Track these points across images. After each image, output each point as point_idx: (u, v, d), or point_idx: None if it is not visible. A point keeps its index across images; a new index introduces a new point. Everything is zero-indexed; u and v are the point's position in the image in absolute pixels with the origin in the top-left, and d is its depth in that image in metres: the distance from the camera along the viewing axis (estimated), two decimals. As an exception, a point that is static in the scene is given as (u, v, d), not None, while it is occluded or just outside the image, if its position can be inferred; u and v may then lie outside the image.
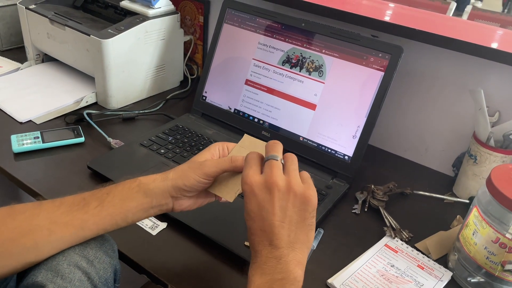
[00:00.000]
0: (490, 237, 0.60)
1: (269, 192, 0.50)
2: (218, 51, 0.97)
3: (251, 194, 0.51)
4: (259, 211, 0.50)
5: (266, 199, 0.50)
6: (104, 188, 0.57)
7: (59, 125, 0.94)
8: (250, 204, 0.51)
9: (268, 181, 0.50)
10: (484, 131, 0.79)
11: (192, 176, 0.57)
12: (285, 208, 0.50)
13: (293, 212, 0.50)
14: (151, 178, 0.58)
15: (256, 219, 0.50)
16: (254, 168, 0.53)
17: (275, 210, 0.50)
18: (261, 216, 0.50)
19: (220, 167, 0.57)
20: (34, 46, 1.16)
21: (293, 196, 0.50)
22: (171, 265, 0.64)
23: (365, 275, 0.65)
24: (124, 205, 0.56)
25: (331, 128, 0.85)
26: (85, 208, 0.55)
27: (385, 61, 0.80)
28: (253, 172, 0.52)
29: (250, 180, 0.51)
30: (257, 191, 0.50)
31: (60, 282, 0.52)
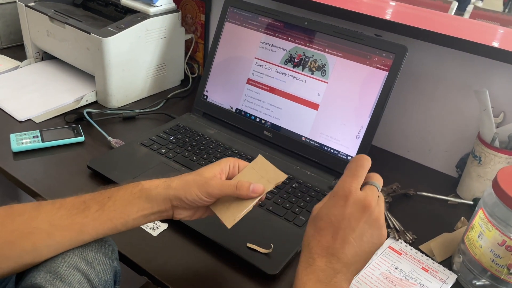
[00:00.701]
0: (496, 240, 0.59)
1: (362, 210, 0.50)
2: (220, 50, 0.96)
3: (344, 201, 0.50)
4: (341, 220, 0.50)
5: (355, 215, 0.50)
6: (106, 192, 0.56)
7: (58, 124, 0.93)
8: (336, 208, 0.50)
9: (366, 200, 0.50)
10: (489, 131, 0.78)
11: (195, 191, 0.56)
12: (364, 233, 0.50)
13: (367, 241, 0.50)
14: (153, 184, 0.56)
15: (334, 224, 0.50)
16: (358, 180, 0.52)
17: (357, 228, 0.50)
18: (340, 225, 0.50)
19: (224, 191, 0.56)
20: (34, 44, 1.15)
21: (376, 229, 0.51)
22: (172, 267, 0.63)
23: (369, 278, 0.64)
24: (125, 210, 0.55)
25: (334, 128, 0.84)
26: (85, 212, 0.54)
27: (389, 61, 0.79)
28: (357, 183, 0.52)
29: (351, 188, 0.51)
30: (351, 202, 0.50)
31: (60, 284, 0.51)
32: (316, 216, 0.51)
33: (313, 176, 0.83)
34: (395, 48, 0.78)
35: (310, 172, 0.84)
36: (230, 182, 0.57)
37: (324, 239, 0.50)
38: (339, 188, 0.51)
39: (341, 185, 0.51)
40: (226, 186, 0.56)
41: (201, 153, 0.86)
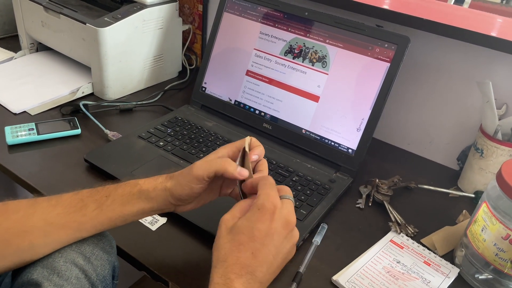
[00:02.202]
0: (500, 234, 0.58)
1: (285, 226, 0.49)
2: (218, 41, 0.95)
3: (270, 215, 0.48)
4: (265, 236, 0.48)
5: (279, 231, 0.49)
6: (103, 190, 0.54)
7: (54, 116, 0.92)
8: (262, 223, 0.48)
9: (289, 216, 0.50)
10: (491, 124, 0.77)
11: (185, 183, 0.54)
12: (283, 249, 0.50)
13: (282, 257, 0.50)
14: (152, 185, 0.55)
15: (257, 240, 0.48)
16: (278, 194, 0.51)
17: (279, 245, 0.49)
18: (264, 241, 0.48)
19: (209, 169, 0.54)
20: (28, 34, 1.12)
21: (293, 245, 0.51)
22: (171, 261, 0.62)
23: (371, 272, 0.64)
24: (124, 210, 0.54)
25: (334, 121, 0.83)
26: (83, 211, 0.52)
27: (391, 52, 0.77)
28: (277, 197, 0.50)
29: (277, 202, 0.49)
30: (277, 217, 0.49)
31: (57, 279, 0.50)
32: (235, 229, 0.48)
33: (313, 169, 0.82)
34: (397, 38, 0.77)
35: (310, 165, 0.83)
36: (215, 158, 0.55)
37: (243, 256, 0.47)
38: (265, 201, 0.49)
39: (266, 198, 0.49)
40: (211, 162, 0.54)
41: (200, 145, 0.85)
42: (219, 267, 0.47)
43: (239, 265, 0.47)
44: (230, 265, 0.47)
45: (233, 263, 0.47)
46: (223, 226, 0.50)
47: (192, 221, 0.67)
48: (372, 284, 0.62)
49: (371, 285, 0.61)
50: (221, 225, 0.50)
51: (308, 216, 0.71)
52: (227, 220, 0.50)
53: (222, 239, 0.49)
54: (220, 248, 0.48)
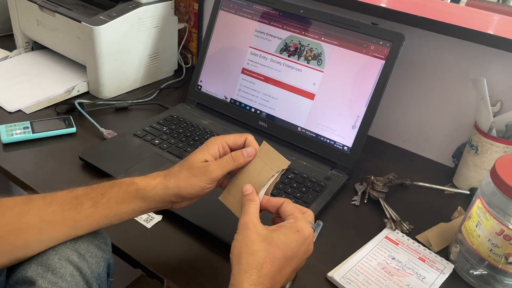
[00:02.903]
0: (494, 229, 0.59)
1: (307, 253, 0.53)
2: (214, 39, 0.95)
3: (303, 240, 0.51)
4: (293, 257, 0.50)
5: (301, 256, 0.52)
6: (98, 188, 0.54)
7: (49, 115, 0.91)
8: (296, 244, 0.50)
9: (311, 245, 0.53)
10: (486, 121, 0.78)
11: (197, 183, 0.55)
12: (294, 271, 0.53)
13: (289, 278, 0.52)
14: (150, 185, 0.54)
15: (287, 259, 0.50)
16: None
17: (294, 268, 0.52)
18: (290, 261, 0.50)
19: (225, 169, 0.56)
20: (23, 33, 1.12)
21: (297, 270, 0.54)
22: (167, 259, 0.62)
23: (366, 268, 0.64)
24: (120, 208, 0.54)
25: (330, 118, 0.83)
26: (78, 208, 0.52)
27: (386, 49, 0.78)
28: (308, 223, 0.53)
29: (310, 230, 0.52)
30: (307, 244, 0.52)
31: (51, 277, 0.50)
32: (270, 239, 0.50)
33: (309, 167, 0.82)
34: (392, 36, 0.77)
35: (306, 162, 0.83)
36: (226, 159, 0.56)
37: (274, 270, 0.48)
38: (304, 227, 0.51)
39: (305, 223, 0.52)
40: (224, 164, 0.56)
41: (195, 144, 0.85)
42: (252, 273, 0.47)
43: (269, 278, 0.48)
44: (263, 276, 0.47)
45: (266, 274, 0.48)
46: (253, 229, 0.50)
47: (187, 219, 0.67)
48: (367, 280, 0.62)
49: (366, 281, 0.62)
50: (250, 227, 0.50)
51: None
52: (255, 223, 0.51)
53: (256, 244, 0.49)
54: (255, 254, 0.48)
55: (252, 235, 0.50)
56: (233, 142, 0.58)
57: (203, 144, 0.58)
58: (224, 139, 0.58)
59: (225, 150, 0.58)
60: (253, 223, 0.51)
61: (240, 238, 0.50)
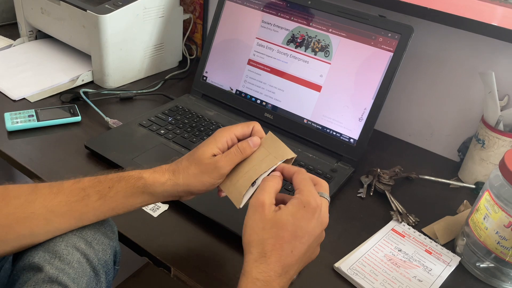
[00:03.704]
0: (503, 222, 0.59)
1: (321, 226, 0.50)
2: (220, 29, 0.94)
3: (312, 214, 0.48)
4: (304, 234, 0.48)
5: (315, 231, 0.49)
6: (105, 181, 0.53)
7: (54, 104, 0.91)
8: (304, 221, 0.48)
9: (326, 217, 0.51)
10: (493, 115, 0.77)
11: (207, 180, 0.54)
12: (313, 249, 0.51)
13: (308, 256, 0.51)
14: (158, 181, 0.54)
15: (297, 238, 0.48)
16: (315, 190, 0.51)
17: (311, 245, 0.49)
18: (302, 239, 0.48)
19: (234, 163, 0.55)
20: (27, 22, 1.11)
21: (318, 246, 0.52)
22: (173, 247, 0.62)
23: (373, 259, 0.64)
24: (128, 202, 0.54)
25: (336, 111, 0.83)
26: (85, 201, 0.52)
27: (394, 41, 0.77)
28: (318, 195, 0.50)
29: (318, 201, 0.49)
30: (317, 217, 0.49)
31: (58, 263, 0.50)
32: (279, 223, 0.47)
33: (315, 159, 0.82)
34: (400, 28, 0.77)
35: (312, 155, 0.83)
36: (233, 151, 0.55)
37: (284, 254, 0.47)
38: (310, 199, 0.49)
39: (311, 195, 0.49)
40: (233, 157, 0.55)
41: (201, 134, 0.85)
42: (261, 262, 0.46)
43: (280, 263, 0.47)
44: (273, 263, 0.46)
45: (275, 261, 0.46)
46: (266, 213, 0.48)
47: (194, 208, 0.67)
48: (373, 271, 0.62)
49: (373, 272, 0.61)
50: (263, 210, 0.48)
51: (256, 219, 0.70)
52: (270, 206, 0.49)
53: (266, 232, 0.47)
54: (264, 242, 0.47)
55: (263, 221, 0.48)
56: (241, 133, 0.57)
57: (211, 137, 0.56)
58: (232, 131, 0.57)
59: (233, 142, 0.57)
60: (262, 205, 0.49)
61: (249, 223, 0.49)
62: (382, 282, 0.60)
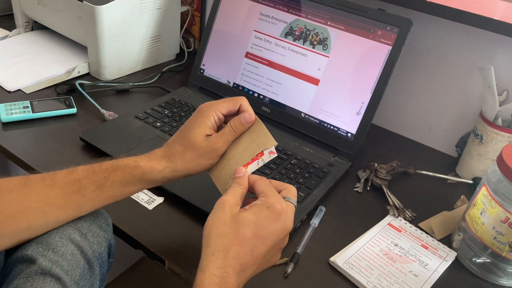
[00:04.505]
0: (499, 217, 0.58)
1: (283, 231, 0.49)
2: (217, 21, 0.93)
3: (276, 217, 0.48)
4: (266, 236, 0.47)
5: (277, 234, 0.48)
6: (100, 171, 0.52)
7: (49, 95, 0.90)
8: (268, 222, 0.48)
9: (289, 222, 0.49)
10: (492, 110, 0.77)
11: (206, 162, 0.55)
12: (273, 254, 0.50)
13: (267, 261, 0.50)
14: (156, 169, 0.54)
15: (258, 238, 0.47)
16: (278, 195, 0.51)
17: (271, 248, 0.48)
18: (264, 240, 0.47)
19: (228, 142, 0.56)
20: (23, 13, 1.10)
21: (279, 252, 0.51)
22: (168, 240, 0.61)
23: (368, 254, 0.63)
24: (125, 189, 0.54)
25: (334, 104, 0.82)
26: (82, 192, 0.51)
27: (393, 35, 0.77)
28: (284, 200, 0.50)
29: (283, 205, 0.49)
30: (281, 221, 0.48)
31: (51, 255, 0.49)
32: (240, 219, 0.47)
33: (312, 153, 0.82)
34: (399, 21, 0.76)
35: (309, 149, 0.83)
36: (226, 131, 0.55)
37: (243, 251, 0.46)
38: (275, 202, 0.48)
39: (277, 199, 0.49)
40: (227, 137, 0.55)
41: (198, 127, 0.84)
42: (218, 256, 0.45)
43: (238, 260, 0.46)
44: (230, 258, 0.45)
45: (233, 257, 0.45)
46: (227, 210, 0.48)
47: (188, 201, 0.66)
48: (369, 265, 0.61)
49: (369, 266, 0.61)
50: (225, 207, 0.48)
51: (306, 199, 0.70)
52: (232, 204, 0.49)
53: (226, 226, 0.47)
54: (223, 235, 0.46)
55: (224, 216, 0.48)
56: (227, 110, 0.56)
57: (198, 115, 0.56)
58: (218, 109, 0.56)
59: (220, 119, 0.56)
60: (229, 204, 0.49)
61: (212, 218, 0.48)
62: (378, 276, 0.60)
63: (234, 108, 0.56)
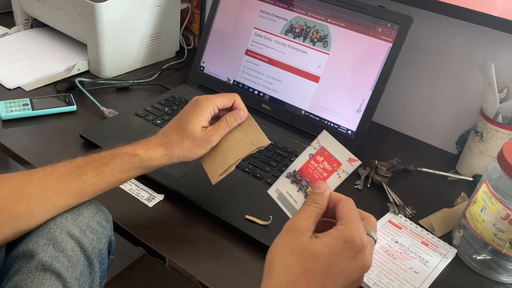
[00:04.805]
0: (500, 214, 0.58)
1: (361, 270, 0.41)
2: (218, 19, 0.93)
3: (354, 254, 0.40)
4: (339, 274, 0.40)
5: (353, 274, 0.41)
6: (100, 159, 0.55)
7: (49, 93, 0.90)
8: (345, 260, 0.40)
9: (369, 260, 0.42)
10: (492, 107, 0.77)
11: (201, 151, 0.59)
12: None
13: None
14: (154, 157, 0.57)
15: (329, 276, 0.40)
16: (362, 226, 0.43)
17: (346, 286, 0.41)
18: (334, 280, 0.40)
19: (222, 135, 0.60)
20: (23, 10, 1.10)
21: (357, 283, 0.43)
22: (169, 238, 0.61)
23: (369, 251, 0.63)
24: (124, 176, 0.56)
25: (334, 102, 0.82)
26: (83, 177, 0.53)
27: (393, 32, 0.76)
28: (365, 232, 0.42)
29: (364, 240, 0.41)
30: (359, 258, 0.41)
31: (52, 250, 0.50)
32: (311, 252, 0.40)
33: (312, 150, 0.81)
34: (400, 18, 0.76)
35: (309, 146, 0.82)
36: (221, 125, 0.59)
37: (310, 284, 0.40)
38: (355, 236, 0.40)
39: (356, 231, 0.41)
40: (221, 130, 0.59)
41: (198, 124, 0.84)
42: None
43: None
44: None
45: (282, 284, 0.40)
46: (296, 238, 0.41)
47: (189, 198, 0.66)
48: (370, 263, 0.61)
49: (369, 263, 0.61)
50: (294, 234, 0.42)
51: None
52: (304, 230, 0.42)
53: (293, 258, 0.40)
54: (289, 269, 0.40)
55: (292, 244, 0.41)
56: (222, 105, 0.60)
57: (195, 107, 0.60)
58: (215, 102, 0.60)
59: (215, 112, 0.61)
60: (300, 230, 0.42)
61: (278, 244, 0.42)
62: (378, 273, 0.60)
63: (229, 104, 0.60)
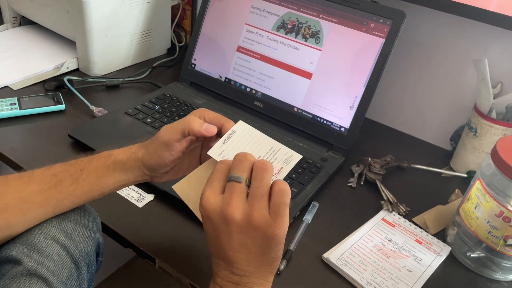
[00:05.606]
0: (494, 211, 0.58)
1: (225, 223, 0.43)
2: (208, 15, 0.91)
3: (206, 219, 0.45)
4: (215, 238, 0.45)
5: (223, 229, 0.44)
6: (76, 164, 0.52)
7: (37, 91, 0.88)
8: (206, 227, 0.46)
9: (224, 211, 0.43)
10: (486, 102, 0.76)
11: (153, 152, 0.51)
12: (243, 242, 0.44)
13: (252, 246, 0.44)
14: (125, 155, 0.52)
15: (213, 244, 0.46)
16: (213, 187, 0.45)
17: (232, 242, 0.44)
18: (217, 243, 0.45)
19: (175, 130, 0.51)
20: (11, 8, 1.08)
21: (253, 231, 0.43)
22: (159, 239, 0.60)
23: (362, 250, 0.62)
24: (101, 182, 0.52)
25: (327, 98, 0.81)
26: (59, 187, 0.50)
27: (386, 27, 0.75)
28: (210, 193, 0.44)
29: (205, 203, 0.44)
30: (213, 218, 0.44)
31: (37, 256, 0.48)
32: None
33: (305, 148, 0.81)
34: (392, 13, 0.75)
35: (302, 143, 0.82)
36: (180, 120, 0.52)
37: (214, 259, 0.47)
38: (199, 208, 0.46)
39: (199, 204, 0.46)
40: (174, 124, 0.51)
41: (189, 123, 0.83)
42: None
43: (216, 266, 0.47)
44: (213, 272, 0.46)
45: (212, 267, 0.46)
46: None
47: (179, 198, 0.65)
48: (363, 261, 0.61)
49: (362, 262, 0.60)
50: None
51: (299, 194, 0.69)
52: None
53: None
54: None
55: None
56: (210, 119, 0.52)
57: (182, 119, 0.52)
58: (204, 113, 0.53)
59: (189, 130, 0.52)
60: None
61: None
62: (371, 272, 0.59)
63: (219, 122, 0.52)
